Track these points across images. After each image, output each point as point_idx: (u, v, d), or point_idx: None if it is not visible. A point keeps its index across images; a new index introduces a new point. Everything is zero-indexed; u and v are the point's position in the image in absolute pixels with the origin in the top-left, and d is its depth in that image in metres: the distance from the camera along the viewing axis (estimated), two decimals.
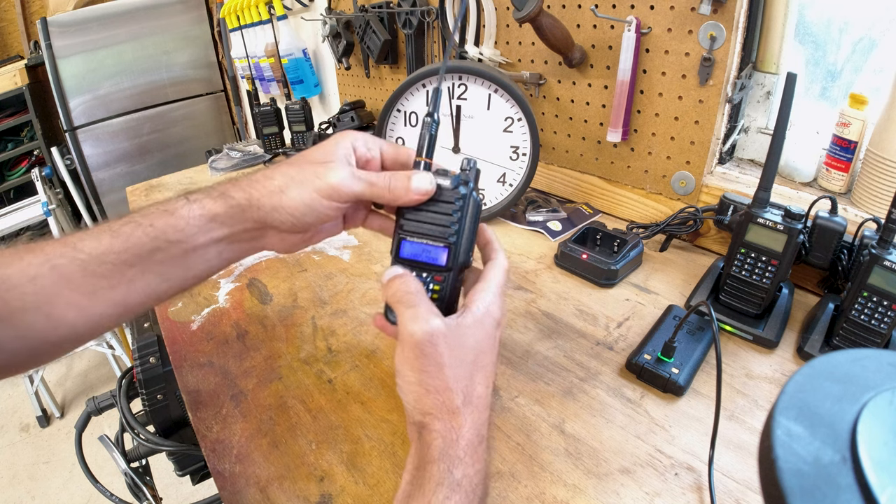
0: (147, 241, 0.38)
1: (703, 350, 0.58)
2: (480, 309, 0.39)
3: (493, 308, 0.39)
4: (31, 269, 0.36)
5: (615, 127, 0.84)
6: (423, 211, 0.45)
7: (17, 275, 0.35)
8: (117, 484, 0.74)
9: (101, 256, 0.37)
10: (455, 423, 0.36)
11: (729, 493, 0.44)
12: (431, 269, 0.45)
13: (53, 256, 0.37)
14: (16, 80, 2.34)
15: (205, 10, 2.29)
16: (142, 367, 0.68)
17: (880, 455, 0.18)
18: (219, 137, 2.47)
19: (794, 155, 0.76)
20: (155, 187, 1.26)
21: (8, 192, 2.54)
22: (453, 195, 0.44)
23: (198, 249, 0.40)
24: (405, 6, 1.15)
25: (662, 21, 0.75)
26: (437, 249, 0.45)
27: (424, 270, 0.45)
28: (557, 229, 0.89)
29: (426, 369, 0.36)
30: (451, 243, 0.44)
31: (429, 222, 0.45)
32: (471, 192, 0.44)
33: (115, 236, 0.38)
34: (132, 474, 0.69)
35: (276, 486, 0.47)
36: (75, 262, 0.37)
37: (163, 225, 0.39)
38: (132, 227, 0.38)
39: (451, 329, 0.37)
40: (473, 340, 0.38)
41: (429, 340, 0.36)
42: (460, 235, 0.44)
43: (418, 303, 0.38)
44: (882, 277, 0.52)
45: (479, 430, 0.36)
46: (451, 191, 0.44)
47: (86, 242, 0.38)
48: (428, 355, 0.36)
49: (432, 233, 0.45)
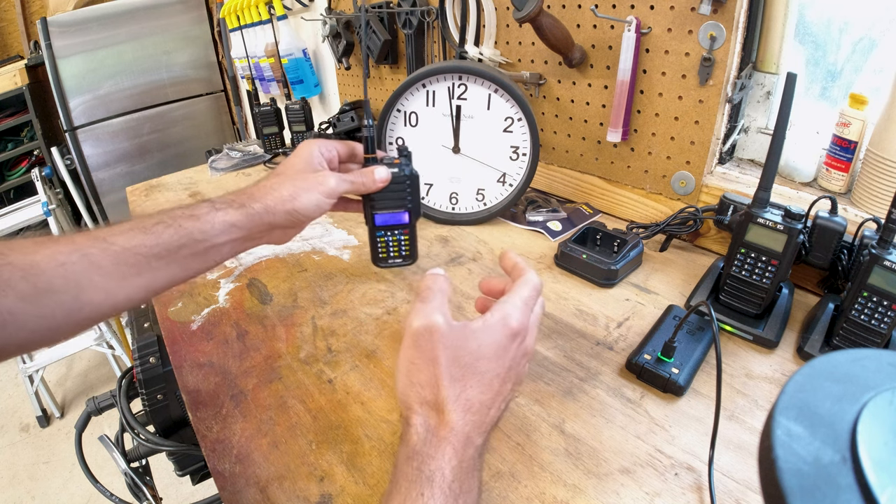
0: (176, 239, 0.46)
1: (703, 350, 0.58)
2: (494, 317, 0.39)
3: (512, 319, 0.39)
4: (61, 256, 0.40)
5: (615, 127, 0.84)
6: (385, 191, 0.64)
7: (44, 260, 0.39)
8: (117, 484, 0.74)
9: (133, 248, 0.43)
10: (437, 420, 0.36)
11: (729, 493, 0.44)
12: (399, 228, 0.69)
13: (84, 246, 0.41)
14: (16, 80, 2.34)
15: (205, 10, 2.29)
16: (142, 367, 0.68)
17: (880, 455, 0.18)
18: (219, 137, 2.47)
19: (794, 155, 0.76)
20: (155, 187, 1.26)
21: (8, 192, 2.54)
22: (401, 175, 0.64)
23: (216, 246, 0.49)
24: (405, 6, 1.15)
25: (662, 21, 0.75)
26: (401, 214, 0.67)
27: (396, 229, 0.69)
28: (557, 229, 0.89)
29: (415, 362, 0.37)
30: (409, 207, 0.66)
31: (390, 198, 0.66)
32: (411, 169, 0.65)
33: (146, 233, 0.44)
34: (132, 474, 0.69)
35: (276, 486, 0.47)
36: (107, 252, 0.42)
37: (190, 227, 0.47)
38: (162, 227, 0.45)
39: (452, 328, 0.37)
40: (476, 345, 0.37)
41: (425, 334, 0.37)
42: (414, 200, 0.66)
43: (431, 299, 0.39)
44: (882, 277, 0.52)
45: (470, 435, 0.36)
46: (399, 174, 0.64)
47: (117, 237, 0.43)
48: (421, 348, 0.37)
49: (395, 204, 0.66)
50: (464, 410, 0.36)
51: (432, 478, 0.33)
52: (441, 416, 0.36)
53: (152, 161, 2.33)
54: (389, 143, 0.93)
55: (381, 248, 0.71)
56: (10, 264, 0.38)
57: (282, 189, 0.53)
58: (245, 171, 1.34)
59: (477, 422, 0.37)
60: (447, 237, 0.90)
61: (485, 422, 0.37)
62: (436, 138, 0.91)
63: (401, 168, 0.63)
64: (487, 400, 0.37)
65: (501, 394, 0.39)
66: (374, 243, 0.71)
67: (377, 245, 0.71)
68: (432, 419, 0.36)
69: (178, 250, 0.46)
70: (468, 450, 0.35)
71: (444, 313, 0.38)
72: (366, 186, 0.62)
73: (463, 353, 0.37)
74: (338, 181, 0.56)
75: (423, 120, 0.90)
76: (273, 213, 0.51)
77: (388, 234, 0.69)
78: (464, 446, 0.35)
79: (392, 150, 0.93)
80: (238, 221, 0.50)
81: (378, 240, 0.70)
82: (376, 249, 0.71)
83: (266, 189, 0.53)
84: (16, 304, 0.37)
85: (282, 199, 0.52)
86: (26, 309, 0.38)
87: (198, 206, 0.49)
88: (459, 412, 0.36)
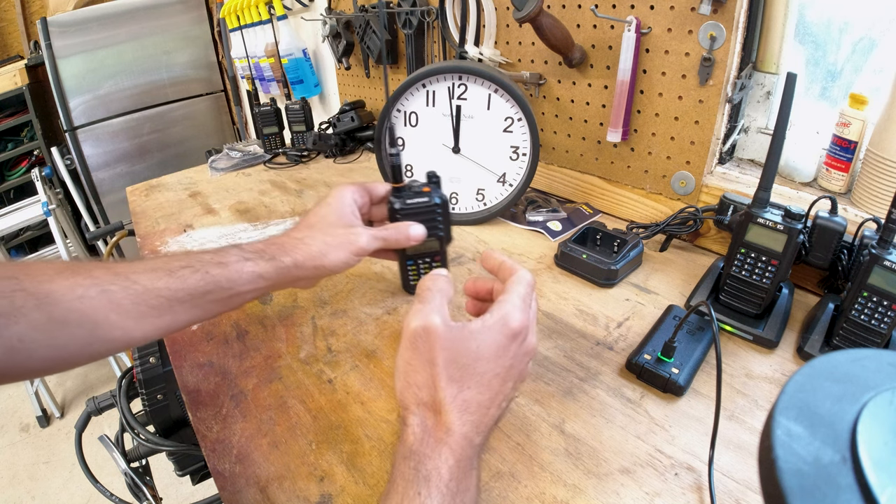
0: (201, 286, 0.45)
1: (703, 350, 0.58)
2: (493, 317, 0.39)
3: (512, 319, 0.39)
4: (79, 289, 0.39)
5: (615, 127, 0.84)
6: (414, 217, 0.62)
7: (61, 291, 0.38)
8: (117, 484, 0.74)
9: (156, 290, 0.42)
10: (434, 420, 0.36)
11: (729, 493, 0.44)
12: (431, 255, 0.67)
13: (104, 282, 0.40)
14: (16, 80, 2.33)
15: (205, 10, 2.29)
16: (142, 367, 0.68)
17: (880, 455, 0.18)
18: (219, 137, 2.46)
19: (794, 155, 0.76)
20: (155, 187, 1.26)
21: (8, 192, 2.54)
22: (431, 204, 0.62)
23: (241, 294, 0.49)
24: (405, 6, 1.15)
25: (662, 21, 0.75)
26: (432, 242, 0.65)
27: (427, 256, 0.67)
28: (557, 229, 0.89)
29: (412, 363, 0.37)
30: (440, 235, 0.64)
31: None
32: (441, 195, 0.63)
33: (171, 276, 0.44)
34: (132, 474, 0.69)
35: (276, 486, 0.47)
36: (128, 291, 0.41)
37: (217, 274, 0.46)
38: (189, 272, 0.45)
39: (450, 329, 0.37)
40: (475, 345, 0.37)
41: (422, 335, 0.37)
42: (445, 226, 0.64)
43: (429, 299, 0.39)
44: (882, 277, 0.52)
45: (468, 435, 0.36)
46: (428, 203, 0.62)
47: (141, 276, 0.42)
48: (418, 349, 0.37)
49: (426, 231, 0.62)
50: (461, 411, 0.36)
51: (429, 477, 0.33)
52: (438, 416, 0.36)
53: (152, 161, 2.33)
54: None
55: (412, 275, 0.70)
56: (23, 290, 0.37)
57: (312, 245, 0.52)
58: (245, 171, 1.34)
59: (475, 422, 0.36)
60: None
61: (484, 421, 0.37)
62: (436, 138, 0.91)
63: (430, 196, 0.62)
64: (486, 400, 0.37)
65: (502, 393, 0.38)
66: (404, 271, 0.70)
67: (408, 273, 0.70)
68: (429, 419, 0.36)
69: (203, 296, 0.45)
70: (466, 449, 0.35)
71: (443, 314, 0.38)
72: (399, 244, 0.60)
73: (461, 354, 0.37)
74: (369, 239, 0.55)
75: (423, 120, 0.90)
76: (301, 268, 0.51)
77: (420, 261, 0.67)
78: (461, 446, 0.35)
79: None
80: (266, 273, 0.49)
81: (409, 268, 0.69)
82: (407, 277, 0.71)
83: (296, 242, 0.52)
84: (27, 333, 0.36)
85: (311, 255, 0.52)
86: (37, 338, 0.37)
87: (226, 252, 0.48)
88: (457, 413, 0.36)
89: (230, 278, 0.47)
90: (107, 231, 1.34)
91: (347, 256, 0.54)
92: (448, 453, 0.34)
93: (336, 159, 1.36)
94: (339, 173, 1.26)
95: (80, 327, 0.39)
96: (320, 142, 1.36)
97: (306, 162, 1.37)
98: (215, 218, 1.04)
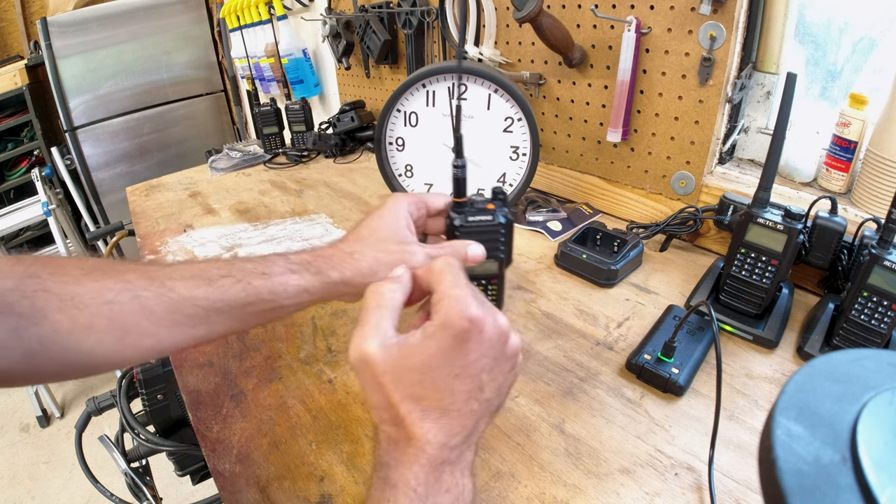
0: (242, 297, 0.42)
1: (703, 350, 0.58)
2: (433, 325, 0.36)
3: (451, 320, 0.35)
4: (108, 294, 0.37)
5: (615, 127, 0.84)
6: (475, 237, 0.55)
7: (89, 294, 0.36)
8: (117, 484, 0.74)
9: (193, 300, 0.40)
10: (397, 433, 0.35)
11: (729, 493, 0.44)
12: (487, 278, 0.58)
13: (137, 286, 0.38)
14: (16, 80, 2.33)
15: (205, 10, 2.29)
16: (142, 367, 0.68)
17: (880, 455, 0.18)
18: (219, 137, 2.46)
19: (794, 155, 0.76)
20: (155, 187, 1.26)
21: (8, 192, 2.54)
22: (494, 224, 0.55)
23: (284, 307, 0.45)
24: (405, 6, 1.15)
25: (662, 21, 0.75)
26: (490, 264, 0.57)
27: (483, 279, 0.58)
28: (557, 229, 0.89)
29: (364, 388, 0.36)
30: (501, 258, 0.56)
31: None
32: (506, 214, 0.56)
33: (210, 285, 0.41)
34: (132, 474, 0.69)
35: (276, 486, 0.47)
36: (163, 299, 0.39)
37: (259, 286, 0.43)
38: (230, 282, 0.42)
39: (387, 351, 0.36)
40: (419, 360, 0.35)
41: (360, 365, 0.36)
42: (507, 248, 0.57)
43: (365, 322, 0.37)
44: (882, 277, 0.52)
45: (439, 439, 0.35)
46: (492, 222, 0.55)
47: (177, 283, 0.40)
48: (363, 378, 0.36)
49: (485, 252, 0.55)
50: (422, 420, 0.35)
51: (396, 485, 0.34)
52: (401, 429, 0.35)
53: (152, 161, 2.33)
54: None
55: None
56: (46, 291, 0.35)
57: (362, 261, 0.47)
58: (245, 171, 1.34)
59: (445, 426, 0.35)
60: None
61: (459, 422, 0.36)
62: (436, 138, 0.90)
63: (494, 215, 0.57)
64: (451, 404, 0.36)
65: (472, 392, 0.37)
66: None
67: None
68: (393, 433, 0.36)
69: (244, 308, 0.42)
70: (440, 453, 0.35)
71: (381, 334, 0.36)
72: None
73: (405, 373, 0.35)
74: (424, 259, 0.49)
75: (423, 120, 0.90)
76: (350, 285, 0.47)
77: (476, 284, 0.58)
78: (431, 453, 0.34)
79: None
80: (312, 287, 0.45)
81: None
82: None
83: (345, 257, 0.48)
84: (49, 335, 0.34)
85: (360, 271, 0.47)
86: (59, 341, 0.35)
87: (271, 262, 0.45)
88: (418, 423, 0.35)
89: (273, 290, 0.43)
90: (107, 231, 1.34)
91: None
92: (413, 461, 0.34)
93: (336, 159, 1.36)
94: (339, 173, 1.26)
95: (108, 334, 0.37)
96: (320, 142, 1.36)
97: (306, 162, 1.37)
98: (215, 218, 1.04)
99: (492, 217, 0.56)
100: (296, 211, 1.05)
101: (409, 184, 0.96)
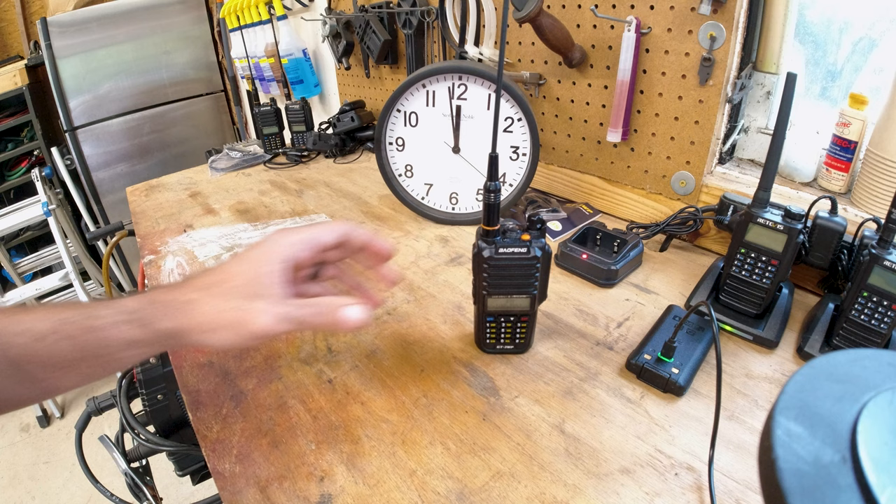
0: (77, 355, 0.40)
1: (703, 350, 0.58)
2: None
3: None
4: None
5: (615, 127, 0.84)
6: (503, 272, 0.50)
7: None
8: (117, 484, 0.74)
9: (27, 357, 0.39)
10: None
11: (729, 493, 0.44)
12: (517, 314, 0.53)
13: None
14: (16, 80, 2.33)
15: (205, 10, 2.29)
16: (142, 367, 0.68)
17: (880, 455, 0.18)
18: (219, 137, 2.46)
19: (794, 155, 0.76)
20: (155, 187, 1.26)
21: (8, 192, 2.53)
22: (528, 256, 0.49)
23: (121, 360, 0.42)
24: (405, 6, 1.15)
25: (662, 21, 0.75)
26: (521, 300, 0.52)
27: (512, 316, 0.53)
28: (557, 229, 0.89)
29: None
30: (533, 294, 0.51)
31: (510, 284, 0.51)
32: (543, 245, 0.50)
33: (40, 342, 0.39)
34: (132, 474, 0.69)
35: (276, 486, 0.47)
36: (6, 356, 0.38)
37: (88, 340, 0.40)
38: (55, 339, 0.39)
39: None
40: None
41: None
42: (542, 283, 0.51)
43: None
44: (882, 277, 0.52)
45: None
46: (526, 254, 0.49)
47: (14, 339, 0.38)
48: None
49: (516, 289, 0.51)
50: None
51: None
52: None
53: (152, 161, 2.32)
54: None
55: (490, 334, 0.58)
56: None
57: (198, 313, 0.42)
58: (245, 171, 1.34)
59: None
60: (447, 237, 0.90)
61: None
62: (436, 138, 0.91)
63: (529, 247, 0.49)
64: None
65: None
66: (482, 327, 0.58)
67: (486, 330, 0.58)
68: None
69: (78, 364, 0.40)
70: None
71: None
72: (323, 328, 0.49)
73: None
74: (275, 321, 0.41)
75: (423, 120, 0.90)
76: (185, 336, 0.41)
77: (503, 320, 0.55)
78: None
79: None
80: (142, 341, 0.41)
81: (488, 325, 0.57)
82: (484, 334, 0.59)
83: (181, 306, 0.42)
84: None
85: (195, 326, 0.41)
86: None
87: (99, 308, 0.41)
88: None
89: (104, 343, 0.40)
90: (107, 231, 1.34)
91: (236, 339, 0.41)
92: None
93: (336, 159, 1.36)
94: (339, 173, 1.26)
95: None
96: (320, 142, 1.36)
97: (306, 162, 1.37)
98: (215, 218, 1.04)
99: (526, 249, 0.49)
100: (296, 211, 1.05)
101: (409, 184, 0.96)
